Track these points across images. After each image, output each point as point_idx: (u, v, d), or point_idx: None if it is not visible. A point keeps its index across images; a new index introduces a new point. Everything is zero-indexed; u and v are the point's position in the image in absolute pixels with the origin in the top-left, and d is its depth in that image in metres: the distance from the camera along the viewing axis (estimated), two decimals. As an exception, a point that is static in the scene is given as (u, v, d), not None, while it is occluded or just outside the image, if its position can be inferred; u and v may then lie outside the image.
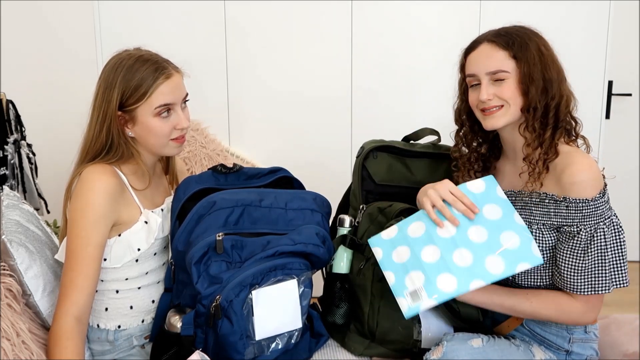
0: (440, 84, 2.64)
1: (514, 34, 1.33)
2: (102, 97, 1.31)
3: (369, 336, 1.47)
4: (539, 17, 2.55)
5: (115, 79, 1.30)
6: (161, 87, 1.31)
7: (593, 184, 1.26)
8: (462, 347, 1.30)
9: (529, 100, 1.30)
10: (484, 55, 1.34)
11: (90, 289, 1.26)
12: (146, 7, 2.52)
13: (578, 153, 1.31)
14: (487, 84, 1.33)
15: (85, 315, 1.26)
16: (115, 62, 1.33)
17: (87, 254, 1.25)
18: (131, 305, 1.39)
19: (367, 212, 1.50)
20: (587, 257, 1.26)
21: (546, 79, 1.30)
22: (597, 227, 1.26)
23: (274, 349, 1.32)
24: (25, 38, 2.73)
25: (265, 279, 1.30)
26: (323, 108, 2.66)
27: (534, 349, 1.38)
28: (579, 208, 1.26)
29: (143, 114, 1.31)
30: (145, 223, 1.36)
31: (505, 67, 1.31)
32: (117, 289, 1.37)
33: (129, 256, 1.34)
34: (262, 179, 1.49)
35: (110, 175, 1.30)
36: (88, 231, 1.25)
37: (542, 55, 1.31)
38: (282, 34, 2.60)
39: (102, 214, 1.27)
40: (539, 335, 1.39)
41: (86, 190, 1.27)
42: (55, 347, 1.20)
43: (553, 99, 1.30)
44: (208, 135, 2.60)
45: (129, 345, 1.40)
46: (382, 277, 1.43)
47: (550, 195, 1.30)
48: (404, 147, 1.56)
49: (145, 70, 1.30)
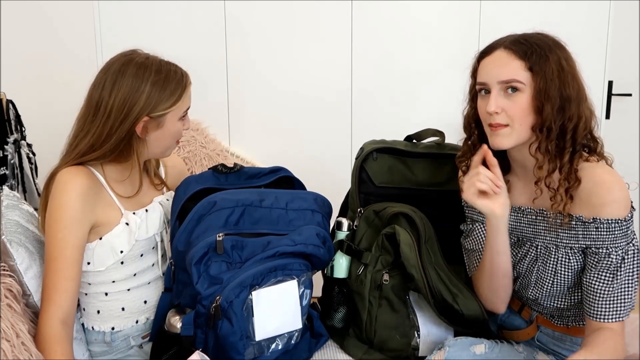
0: (440, 84, 2.65)
1: (535, 43, 1.20)
2: (126, 99, 1.27)
3: (367, 342, 1.47)
4: (539, 17, 2.56)
5: (145, 84, 1.28)
6: (187, 90, 1.36)
7: (624, 203, 1.17)
8: (465, 353, 1.27)
9: (542, 119, 1.18)
10: (498, 62, 1.22)
11: (74, 291, 1.25)
12: (146, 7, 2.52)
13: (603, 170, 1.20)
14: (496, 94, 1.21)
15: (71, 318, 1.25)
16: (136, 67, 1.29)
17: (67, 256, 1.24)
18: (122, 307, 1.38)
19: (364, 215, 1.49)
20: (615, 281, 1.18)
21: (564, 97, 1.18)
22: (627, 249, 1.19)
23: (274, 349, 1.32)
24: (25, 38, 2.72)
25: (265, 279, 1.29)
26: (323, 108, 2.66)
27: (538, 356, 1.36)
28: (610, 229, 1.18)
29: (171, 119, 1.34)
30: (126, 224, 1.35)
31: (520, 77, 1.19)
32: (105, 292, 1.37)
33: (112, 259, 1.33)
34: (262, 178, 1.49)
35: (83, 176, 1.28)
36: (64, 233, 1.24)
37: (562, 71, 1.18)
38: (283, 34, 2.60)
39: (76, 215, 1.26)
40: (552, 349, 1.36)
41: (60, 192, 1.26)
42: (44, 351, 1.20)
43: (570, 120, 1.18)
44: (208, 135, 2.60)
45: (126, 345, 1.39)
46: (379, 284, 1.43)
47: (577, 217, 1.21)
48: (405, 148, 1.53)
49: (174, 75, 1.33)
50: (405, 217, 1.42)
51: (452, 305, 1.36)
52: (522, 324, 1.42)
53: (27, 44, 2.72)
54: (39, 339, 1.21)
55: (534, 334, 1.38)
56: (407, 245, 1.37)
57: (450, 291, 1.37)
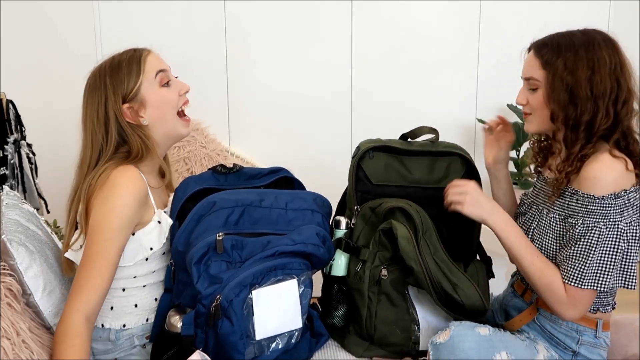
0: (440, 84, 2.65)
1: (556, 42, 1.33)
2: (94, 106, 1.33)
3: (367, 339, 1.47)
4: (539, 17, 2.56)
5: (103, 83, 1.33)
6: (148, 58, 1.37)
7: (605, 184, 1.25)
8: (469, 333, 1.30)
9: (553, 112, 1.32)
10: (527, 60, 1.38)
11: (104, 290, 1.26)
12: (146, 7, 2.52)
13: (609, 156, 1.28)
14: (523, 88, 1.39)
15: (94, 316, 1.26)
16: (93, 77, 1.36)
17: (109, 257, 1.25)
18: (136, 304, 1.39)
19: (360, 212, 1.50)
20: (574, 247, 1.29)
21: (574, 93, 1.28)
22: (594, 225, 1.27)
23: (274, 348, 1.32)
24: (25, 38, 2.73)
25: (265, 278, 1.30)
26: (323, 108, 2.66)
27: (538, 346, 1.38)
28: (585, 203, 1.28)
29: (148, 89, 1.35)
30: (158, 223, 1.36)
31: (537, 75, 1.34)
32: (123, 287, 1.37)
33: (141, 255, 1.35)
34: (262, 179, 1.49)
35: (138, 179, 1.31)
36: (114, 235, 1.26)
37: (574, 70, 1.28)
38: (283, 34, 2.60)
39: (128, 220, 1.28)
40: (549, 332, 1.39)
41: (116, 194, 1.27)
42: (63, 343, 1.20)
43: (582, 114, 1.28)
44: (208, 135, 2.60)
45: (130, 344, 1.40)
46: (378, 280, 1.44)
47: (570, 189, 1.32)
48: (401, 147, 1.55)
49: (126, 56, 1.36)
50: (401, 211, 1.43)
51: (452, 296, 1.37)
52: (524, 306, 1.46)
53: (27, 44, 2.72)
54: (60, 330, 1.21)
55: (535, 314, 1.42)
56: (404, 238, 1.39)
57: (450, 281, 1.38)
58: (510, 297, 1.53)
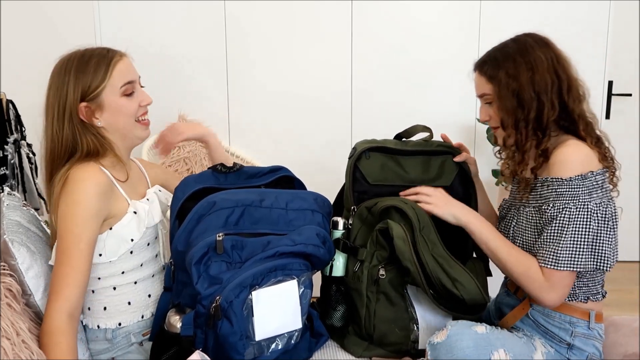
0: (440, 84, 2.65)
1: (492, 57, 1.42)
2: (56, 96, 1.33)
3: (367, 338, 1.48)
4: (539, 17, 2.56)
5: (68, 75, 1.32)
6: (119, 64, 1.35)
7: (572, 166, 1.31)
8: (466, 331, 1.31)
9: (501, 119, 1.40)
10: (475, 80, 1.47)
11: (83, 285, 1.26)
12: (146, 7, 2.52)
13: (574, 140, 1.35)
14: (482, 106, 1.48)
15: (77, 312, 1.26)
16: (61, 64, 1.35)
17: (79, 250, 1.26)
18: (129, 301, 1.39)
19: (357, 212, 1.51)
20: (547, 232, 1.33)
21: (520, 96, 1.36)
22: (564, 206, 1.31)
23: (273, 349, 1.32)
24: (25, 38, 2.73)
25: (265, 279, 1.29)
26: (323, 108, 2.66)
27: (536, 343, 1.40)
28: (554, 187, 1.33)
29: (109, 96, 1.33)
30: (134, 213, 1.36)
31: (487, 90, 1.42)
32: (114, 286, 1.38)
33: (123, 248, 1.35)
34: (262, 178, 1.49)
35: (97, 172, 1.31)
36: (81, 228, 1.26)
37: (517, 75, 1.36)
38: (283, 34, 2.60)
39: (93, 212, 1.28)
40: (542, 326, 1.40)
41: (76, 190, 1.27)
42: (49, 343, 1.20)
43: (529, 112, 1.36)
44: (208, 135, 2.59)
45: (127, 342, 1.40)
46: (376, 279, 1.44)
47: (541, 179, 1.37)
48: (396, 147, 1.57)
49: (97, 55, 1.34)
50: (397, 209, 1.44)
51: (452, 291, 1.38)
52: (517, 303, 1.48)
53: (27, 44, 2.72)
54: (45, 330, 1.21)
55: (528, 309, 1.43)
56: (400, 239, 1.39)
57: (450, 276, 1.39)
58: (503, 295, 1.55)
